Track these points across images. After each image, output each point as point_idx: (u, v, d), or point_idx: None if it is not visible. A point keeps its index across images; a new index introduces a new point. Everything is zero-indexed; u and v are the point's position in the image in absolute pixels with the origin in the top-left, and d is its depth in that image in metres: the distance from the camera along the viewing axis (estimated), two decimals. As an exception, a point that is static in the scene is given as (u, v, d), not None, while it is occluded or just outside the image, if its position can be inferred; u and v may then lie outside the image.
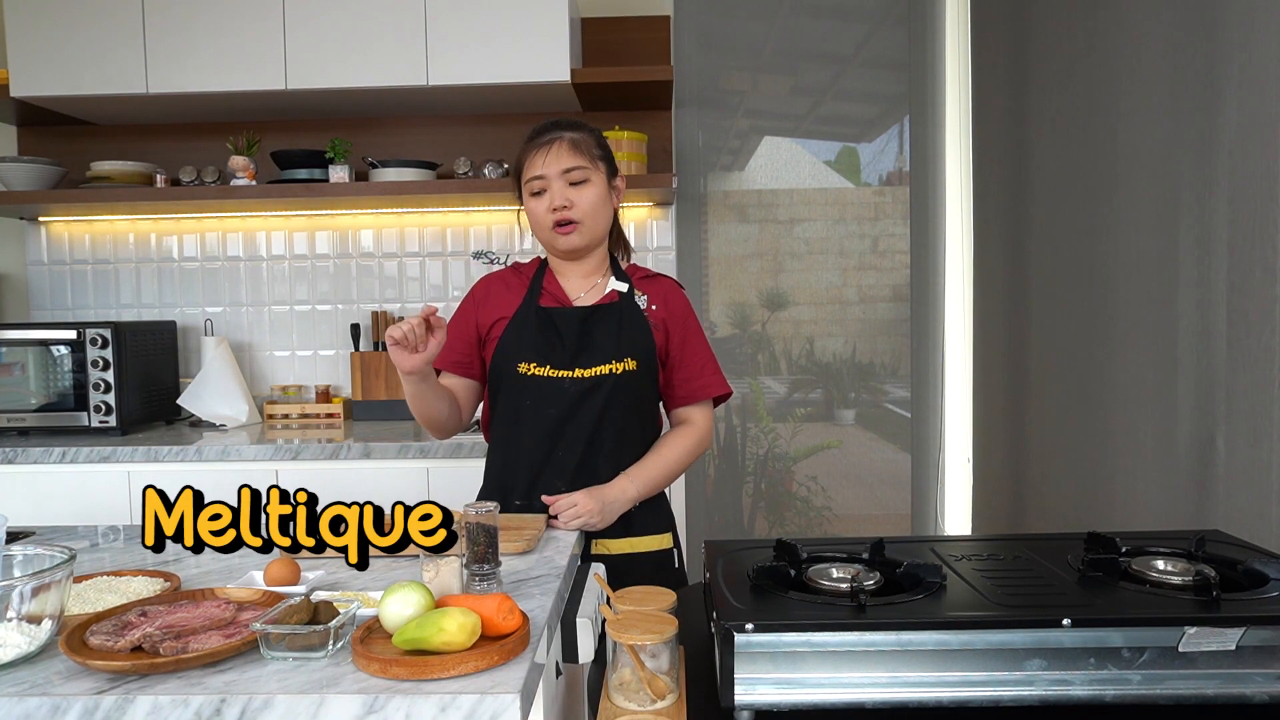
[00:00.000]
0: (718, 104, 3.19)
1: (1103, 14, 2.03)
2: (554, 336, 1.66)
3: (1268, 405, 1.48)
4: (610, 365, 1.65)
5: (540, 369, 1.65)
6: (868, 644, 0.98)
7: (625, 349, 1.66)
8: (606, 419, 1.65)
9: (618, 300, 1.70)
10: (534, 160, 1.65)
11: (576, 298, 1.72)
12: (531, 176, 1.65)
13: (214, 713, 0.90)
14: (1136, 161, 1.90)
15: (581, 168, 1.64)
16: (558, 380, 1.64)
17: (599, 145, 1.70)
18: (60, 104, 2.85)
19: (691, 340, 1.75)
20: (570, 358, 1.65)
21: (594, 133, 1.71)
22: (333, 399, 3.07)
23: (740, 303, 3.26)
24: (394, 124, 3.11)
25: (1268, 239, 1.48)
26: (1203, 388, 1.67)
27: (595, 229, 1.68)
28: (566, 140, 1.65)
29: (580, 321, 1.67)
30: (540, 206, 1.65)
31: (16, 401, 2.69)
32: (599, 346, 1.66)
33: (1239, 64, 1.55)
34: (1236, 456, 1.57)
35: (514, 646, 1.00)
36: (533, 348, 1.65)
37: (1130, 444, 1.94)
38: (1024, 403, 2.51)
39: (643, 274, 1.79)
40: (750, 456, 3.30)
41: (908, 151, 3.19)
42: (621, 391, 1.66)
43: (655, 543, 1.71)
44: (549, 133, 1.67)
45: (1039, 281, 2.40)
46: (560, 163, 1.63)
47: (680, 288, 1.80)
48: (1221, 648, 0.96)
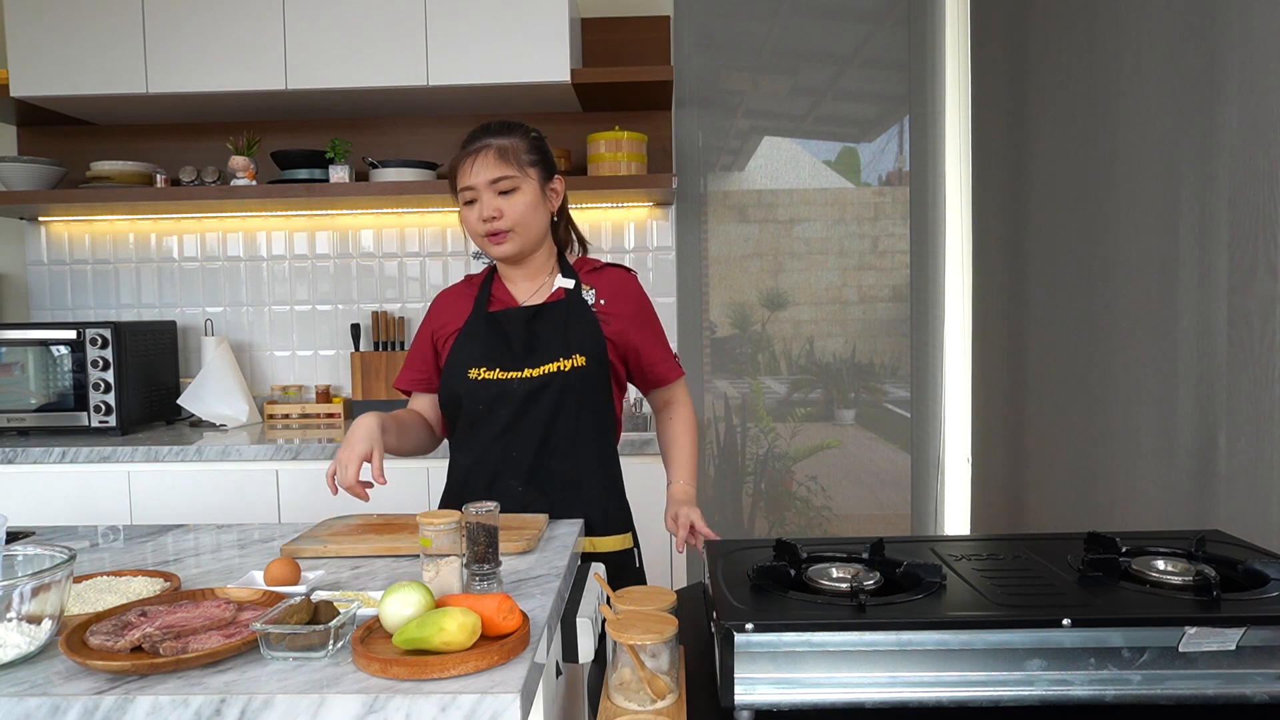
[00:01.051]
0: (718, 104, 3.19)
1: (1102, 13, 2.03)
2: (501, 339, 1.67)
3: (1268, 405, 1.48)
4: (558, 363, 1.65)
5: (490, 372, 1.65)
6: (868, 644, 0.98)
7: (574, 346, 1.66)
8: (559, 417, 1.65)
9: (564, 297, 1.70)
10: (463, 170, 1.65)
11: (524, 300, 1.72)
12: (462, 186, 1.65)
13: (214, 713, 0.90)
14: (1136, 161, 1.90)
15: (509, 177, 1.62)
16: (507, 382, 1.65)
17: (531, 150, 1.67)
18: (60, 104, 2.85)
19: (653, 323, 1.78)
20: (518, 358, 1.66)
21: (526, 136, 1.68)
22: (333, 399, 3.07)
23: (740, 303, 3.26)
24: (394, 124, 3.11)
25: (1268, 238, 1.47)
26: (1203, 387, 1.67)
27: (528, 236, 1.67)
28: (494, 149, 1.63)
29: (525, 322, 1.67)
30: (472, 216, 1.65)
31: (16, 401, 2.69)
32: (546, 345, 1.66)
33: (1239, 63, 1.55)
34: (1236, 456, 1.57)
35: (514, 646, 1.00)
36: (482, 352, 1.67)
37: (1130, 444, 1.93)
38: (1023, 402, 2.51)
39: (591, 266, 1.78)
40: (750, 456, 3.30)
41: (908, 151, 3.19)
42: (572, 389, 1.66)
43: (616, 543, 1.72)
44: (476, 140, 1.65)
45: (1038, 281, 2.40)
46: (487, 172, 1.62)
47: (632, 274, 1.79)
48: (1221, 648, 0.96)
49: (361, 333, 3.13)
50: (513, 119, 1.72)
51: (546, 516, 1.59)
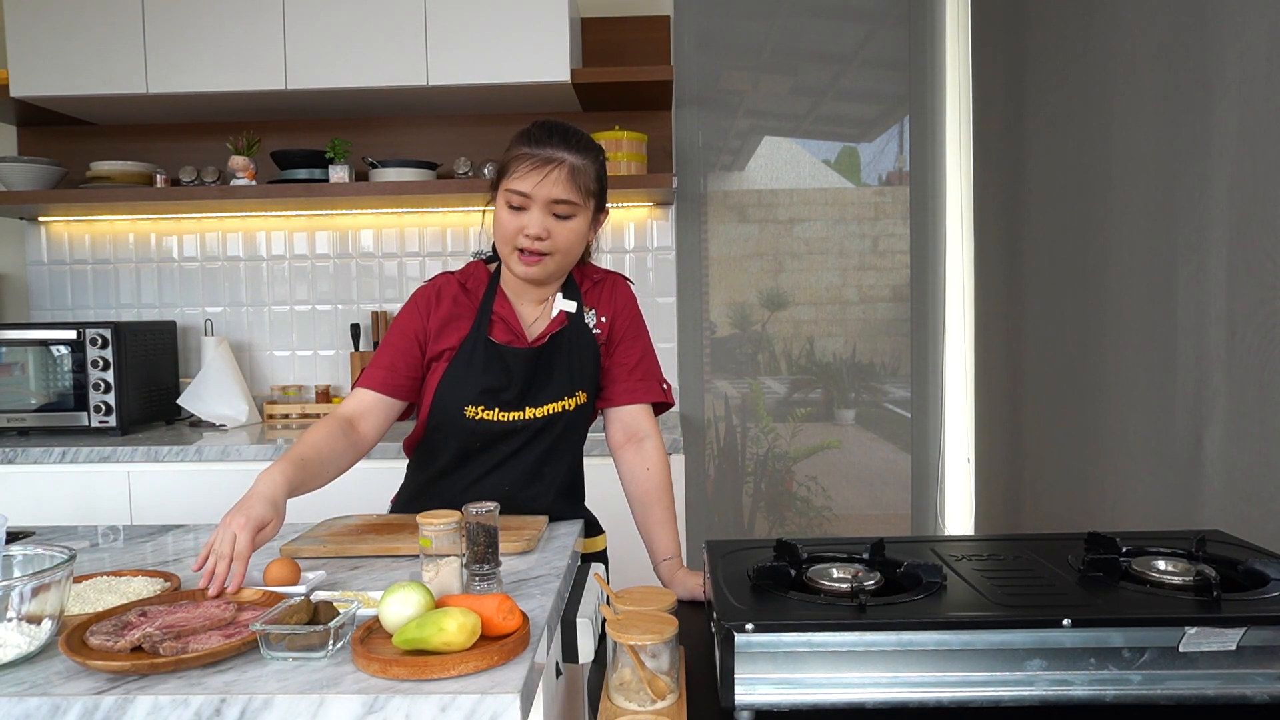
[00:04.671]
0: (718, 104, 3.19)
1: (1098, 14, 2.03)
2: (503, 374, 1.53)
3: (1259, 406, 1.48)
4: (563, 403, 1.56)
5: (489, 412, 1.54)
6: (868, 644, 0.98)
7: (577, 383, 1.57)
8: (555, 453, 1.59)
9: (567, 324, 1.58)
10: (523, 173, 1.45)
11: (529, 322, 1.59)
12: (515, 190, 1.46)
13: (214, 713, 0.90)
14: (1131, 161, 1.90)
15: (572, 203, 1.47)
16: (509, 424, 1.55)
17: (597, 179, 1.52)
18: (60, 104, 2.85)
19: (629, 340, 1.63)
20: (520, 398, 1.54)
21: (598, 160, 1.53)
22: (333, 399, 3.07)
23: (740, 303, 3.26)
24: (394, 124, 3.11)
25: (1260, 239, 1.47)
26: (1196, 387, 1.67)
27: (564, 265, 1.54)
28: (568, 167, 1.46)
29: (532, 361, 1.54)
30: (513, 223, 1.47)
31: (16, 401, 2.69)
32: (550, 385, 1.56)
33: (1232, 61, 1.55)
34: (1227, 457, 1.57)
35: (514, 646, 1.00)
36: (479, 389, 1.53)
37: (1123, 444, 1.94)
38: (1020, 402, 2.51)
39: (593, 279, 1.65)
40: (750, 456, 3.30)
41: (908, 151, 3.19)
42: (573, 426, 1.60)
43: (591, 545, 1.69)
44: (549, 148, 1.46)
45: (1035, 281, 2.40)
46: (553, 191, 1.45)
47: (628, 285, 1.68)
48: (1222, 648, 0.96)
49: (361, 333, 3.13)
50: (579, 129, 1.53)
51: (546, 517, 1.59)
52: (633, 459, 1.63)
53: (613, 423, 1.65)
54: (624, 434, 1.64)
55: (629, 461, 1.63)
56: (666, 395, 1.65)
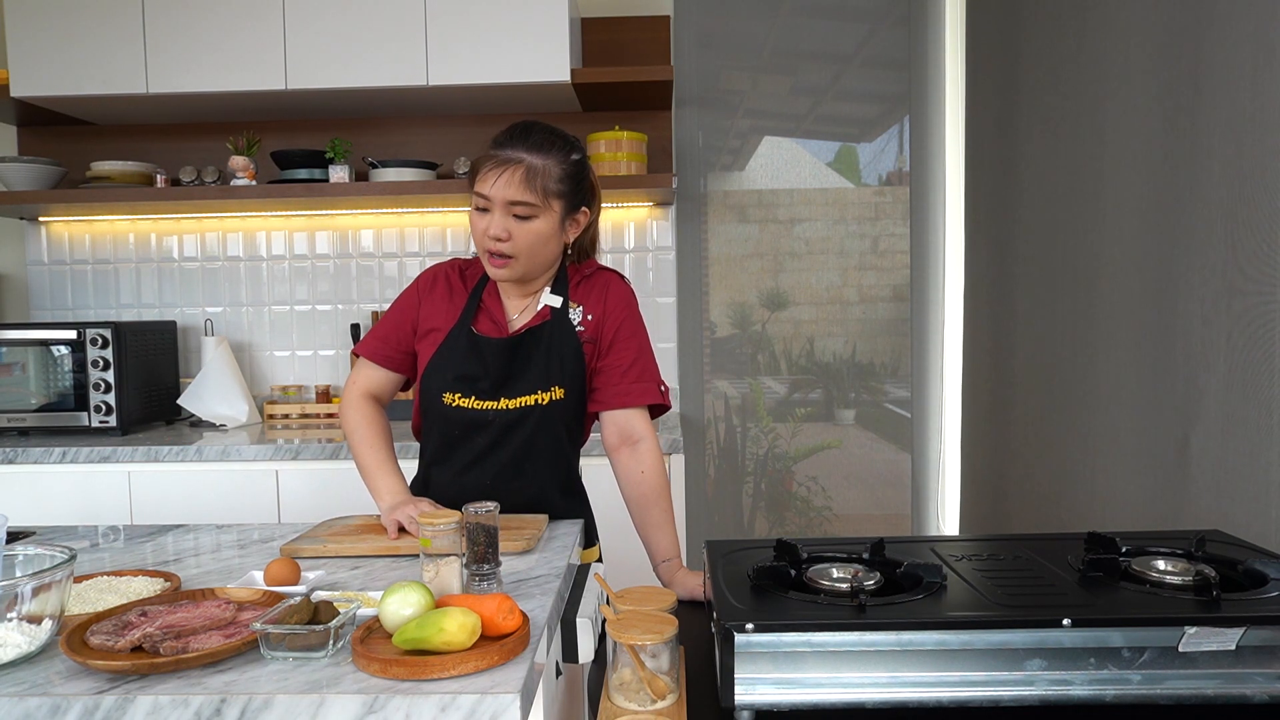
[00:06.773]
0: (718, 104, 3.19)
1: (1091, 14, 2.03)
2: (479, 365, 1.58)
3: (1246, 406, 1.48)
4: (536, 395, 1.57)
5: (465, 400, 1.58)
6: (868, 644, 0.98)
7: (553, 378, 1.58)
8: (535, 447, 1.59)
9: (550, 318, 1.59)
10: (485, 176, 1.49)
11: (513, 315, 1.63)
12: (478, 191, 1.50)
13: (214, 713, 0.90)
14: (1122, 162, 1.90)
15: (528, 204, 1.48)
16: (483, 412, 1.58)
17: (562, 179, 1.52)
18: (60, 104, 2.85)
19: (623, 341, 1.62)
20: (494, 388, 1.57)
21: (564, 161, 1.52)
22: (333, 399, 3.07)
23: (740, 303, 3.26)
24: (394, 124, 3.12)
25: (1249, 240, 1.47)
26: (1184, 387, 1.67)
27: (531, 266, 1.55)
28: (524, 168, 1.47)
29: (508, 352, 1.58)
30: (479, 225, 1.51)
31: (16, 401, 2.69)
32: (525, 377, 1.58)
33: (1224, 63, 1.55)
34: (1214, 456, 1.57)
35: (514, 646, 1.00)
36: (457, 378, 1.58)
37: (1111, 443, 1.93)
38: (1009, 401, 2.51)
39: (584, 274, 1.66)
40: (750, 456, 3.30)
41: (908, 151, 3.19)
42: (549, 420, 1.59)
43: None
44: (509, 149, 1.49)
45: (1024, 281, 2.40)
46: (507, 192, 1.47)
47: (624, 282, 1.67)
48: (1221, 648, 0.96)
49: (361, 333, 3.13)
50: (554, 128, 1.56)
51: (546, 517, 1.59)
52: (628, 462, 1.62)
53: (607, 425, 1.65)
54: (618, 437, 1.63)
55: (624, 465, 1.63)
56: (663, 397, 1.64)
